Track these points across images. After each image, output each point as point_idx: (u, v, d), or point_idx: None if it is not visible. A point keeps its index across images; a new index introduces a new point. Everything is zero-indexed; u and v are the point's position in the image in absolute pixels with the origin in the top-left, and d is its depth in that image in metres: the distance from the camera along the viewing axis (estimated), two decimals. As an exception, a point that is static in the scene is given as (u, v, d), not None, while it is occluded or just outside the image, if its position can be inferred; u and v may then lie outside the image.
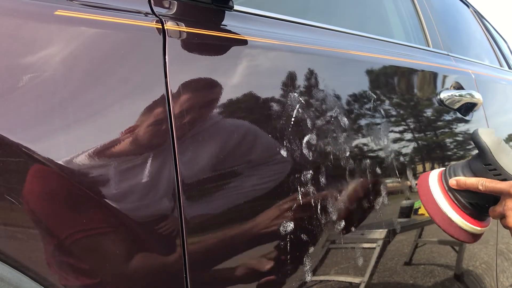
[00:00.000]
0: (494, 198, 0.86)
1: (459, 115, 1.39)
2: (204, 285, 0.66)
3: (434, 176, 0.93)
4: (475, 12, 2.29)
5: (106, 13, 0.64)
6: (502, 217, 0.84)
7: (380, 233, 1.02)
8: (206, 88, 0.71)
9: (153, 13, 0.70)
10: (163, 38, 0.67)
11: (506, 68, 2.36)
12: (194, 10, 0.77)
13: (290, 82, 0.84)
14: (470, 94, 1.43)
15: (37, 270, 0.53)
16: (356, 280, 0.94)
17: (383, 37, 1.28)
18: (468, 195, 0.88)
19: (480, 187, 0.85)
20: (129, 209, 0.59)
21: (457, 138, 1.40)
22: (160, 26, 0.68)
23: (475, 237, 0.91)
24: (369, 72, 1.09)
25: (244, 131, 0.75)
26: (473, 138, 0.88)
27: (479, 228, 0.89)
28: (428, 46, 1.53)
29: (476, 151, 0.88)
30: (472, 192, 0.87)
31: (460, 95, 1.39)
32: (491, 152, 0.84)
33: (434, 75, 1.37)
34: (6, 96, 0.53)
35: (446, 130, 1.34)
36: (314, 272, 0.82)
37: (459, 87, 1.43)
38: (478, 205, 0.88)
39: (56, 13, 0.59)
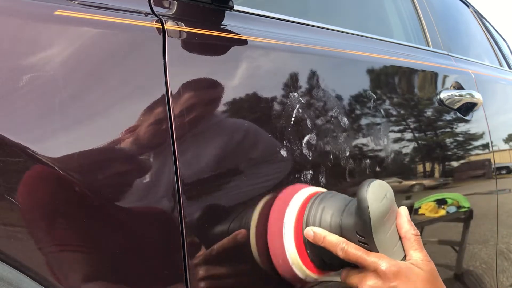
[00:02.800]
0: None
1: (459, 115, 1.39)
2: (204, 285, 0.66)
3: (297, 202, 0.74)
4: (475, 12, 2.28)
5: (106, 13, 0.64)
6: None
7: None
8: (206, 88, 0.71)
9: (153, 13, 0.70)
10: (163, 38, 0.67)
11: (506, 68, 2.36)
12: (194, 10, 0.77)
13: (290, 82, 0.84)
14: (470, 94, 1.43)
15: (37, 270, 0.53)
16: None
17: (383, 37, 1.28)
18: (325, 253, 0.71)
19: (340, 253, 0.68)
20: (129, 209, 0.59)
21: (457, 138, 1.40)
22: (160, 26, 0.68)
23: (303, 282, 0.75)
24: (369, 72, 1.09)
25: (244, 131, 0.75)
26: (359, 193, 0.67)
27: (314, 276, 0.73)
28: (428, 46, 1.53)
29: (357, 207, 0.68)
30: (331, 254, 0.70)
31: (460, 95, 1.39)
32: (371, 227, 0.66)
33: (434, 75, 1.37)
34: (5, 96, 0.53)
35: (446, 130, 1.34)
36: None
37: (459, 87, 1.43)
38: (329, 263, 0.73)
39: (56, 13, 0.59)
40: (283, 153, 0.79)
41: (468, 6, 2.22)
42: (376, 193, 0.67)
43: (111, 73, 0.62)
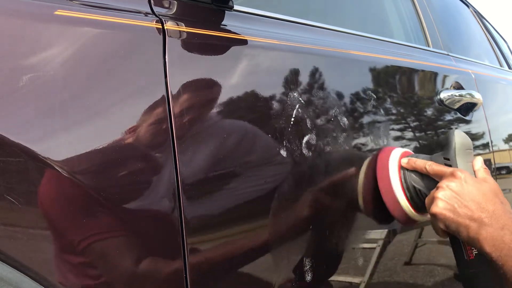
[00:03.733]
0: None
1: (459, 115, 1.39)
2: (204, 285, 0.66)
3: (396, 154, 0.96)
4: (475, 12, 2.28)
5: (106, 13, 0.64)
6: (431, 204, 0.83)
7: (380, 233, 1.02)
8: (206, 88, 0.71)
9: (153, 13, 0.70)
10: (163, 38, 0.67)
11: (506, 68, 2.36)
12: (194, 10, 0.77)
13: (290, 82, 0.84)
14: (470, 94, 1.43)
15: (37, 270, 0.52)
16: (356, 280, 0.94)
17: (383, 37, 1.28)
18: (415, 179, 0.91)
19: (427, 167, 0.87)
20: (129, 209, 0.59)
21: (457, 138, 1.40)
22: (160, 26, 0.68)
23: (409, 221, 0.95)
24: (369, 72, 1.09)
25: (244, 131, 0.75)
26: (448, 134, 0.91)
27: (416, 214, 0.93)
28: (428, 46, 1.53)
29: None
30: (419, 176, 0.91)
31: (460, 95, 1.39)
32: (455, 150, 0.87)
33: (434, 75, 1.37)
34: (5, 96, 0.53)
35: (446, 130, 1.34)
36: (314, 272, 0.82)
37: (459, 87, 1.43)
38: (420, 192, 0.91)
39: (56, 13, 0.59)
40: (283, 153, 0.79)
41: (468, 6, 2.22)
42: (460, 133, 0.90)
43: (111, 73, 0.62)
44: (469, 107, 1.44)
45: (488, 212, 0.76)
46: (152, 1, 0.71)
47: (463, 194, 0.79)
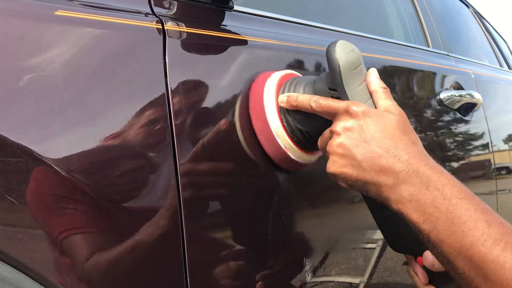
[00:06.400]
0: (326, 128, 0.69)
1: (458, 115, 1.39)
2: (204, 285, 0.66)
3: (273, 83, 0.76)
4: (475, 12, 2.29)
5: (106, 13, 0.64)
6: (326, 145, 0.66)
7: (380, 233, 1.02)
8: (206, 88, 0.71)
9: (153, 13, 0.70)
10: (163, 38, 0.67)
11: (506, 68, 2.36)
12: (194, 10, 0.77)
13: (290, 82, 0.84)
14: (470, 94, 1.43)
15: (37, 270, 0.53)
16: (355, 280, 0.94)
17: (383, 37, 1.28)
18: (299, 119, 0.73)
19: (313, 104, 0.67)
20: (129, 209, 0.59)
21: (457, 139, 1.40)
22: (160, 26, 0.68)
23: (297, 165, 0.77)
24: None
25: (244, 131, 0.75)
26: (327, 51, 0.68)
27: (303, 154, 0.76)
28: (428, 46, 1.53)
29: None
30: (304, 116, 0.72)
31: (460, 95, 1.39)
32: (340, 74, 0.67)
33: (434, 75, 1.37)
34: (5, 97, 0.53)
35: (446, 130, 1.34)
36: (314, 272, 0.82)
37: (458, 87, 1.43)
38: (308, 134, 0.74)
39: (56, 13, 0.59)
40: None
41: (468, 7, 2.22)
42: (343, 47, 0.69)
43: (111, 73, 0.62)
44: (469, 107, 1.45)
45: (402, 162, 0.58)
46: (152, 1, 0.71)
47: (365, 139, 0.61)
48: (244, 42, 0.80)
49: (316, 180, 0.86)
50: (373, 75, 0.69)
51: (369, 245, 0.99)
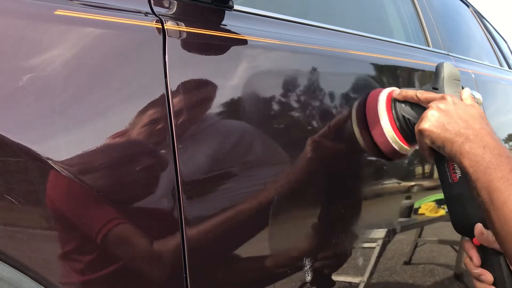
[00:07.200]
0: None
1: (459, 115, 1.39)
2: (204, 285, 0.66)
3: (384, 95, 0.98)
4: (475, 12, 2.29)
5: (106, 13, 0.64)
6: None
7: (380, 233, 1.02)
8: (206, 88, 0.71)
9: (153, 13, 0.70)
10: (163, 38, 0.67)
11: (506, 68, 2.36)
12: (194, 10, 0.77)
13: (290, 82, 0.84)
14: (470, 94, 1.43)
15: (37, 270, 0.53)
16: (355, 280, 0.94)
17: (383, 37, 1.28)
18: (405, 108, 0.94)
19: (418, 94, 0.91)
20: (129, 208, 0.59)
21: (457, 138, 1.40)
22: (160, 26, 0.68)
23: (396, 154, 0.96)
24: (370, 72, 1.09)
25: (244, 131, 0.75)
26: (438, 65, 0.94)
27: (403, 145, 0.95)
28: (428, 46, 1.53)
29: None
30: (410, 106, 0.93)
31: (460, 95, 1.38)
32: (443, 79, 0.92)
33: (434, 75, 1.36)
34: (5, 97, 0.53)
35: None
36: (314, 272, 0.82)
37: (459, 87, 1.43)
38: (410, 122, 0.93)
39: (56, 12, 0.59)
40: (283, 153, 0.79)
41: (468, 6, 2.22)
42: (449, 64, 0.94)
43: (111, 73, 0.62)
44: (469, 107, 1.44)
45: (474, 130, 0.79)
46: (152, 1, 0.71)
47: (452, 113, 0.82)
48: (244, 42, 0.80)
49: (316, 181, 0.86)
50: (466, 90, 0.92)
51: (369, 245, 0.99)
